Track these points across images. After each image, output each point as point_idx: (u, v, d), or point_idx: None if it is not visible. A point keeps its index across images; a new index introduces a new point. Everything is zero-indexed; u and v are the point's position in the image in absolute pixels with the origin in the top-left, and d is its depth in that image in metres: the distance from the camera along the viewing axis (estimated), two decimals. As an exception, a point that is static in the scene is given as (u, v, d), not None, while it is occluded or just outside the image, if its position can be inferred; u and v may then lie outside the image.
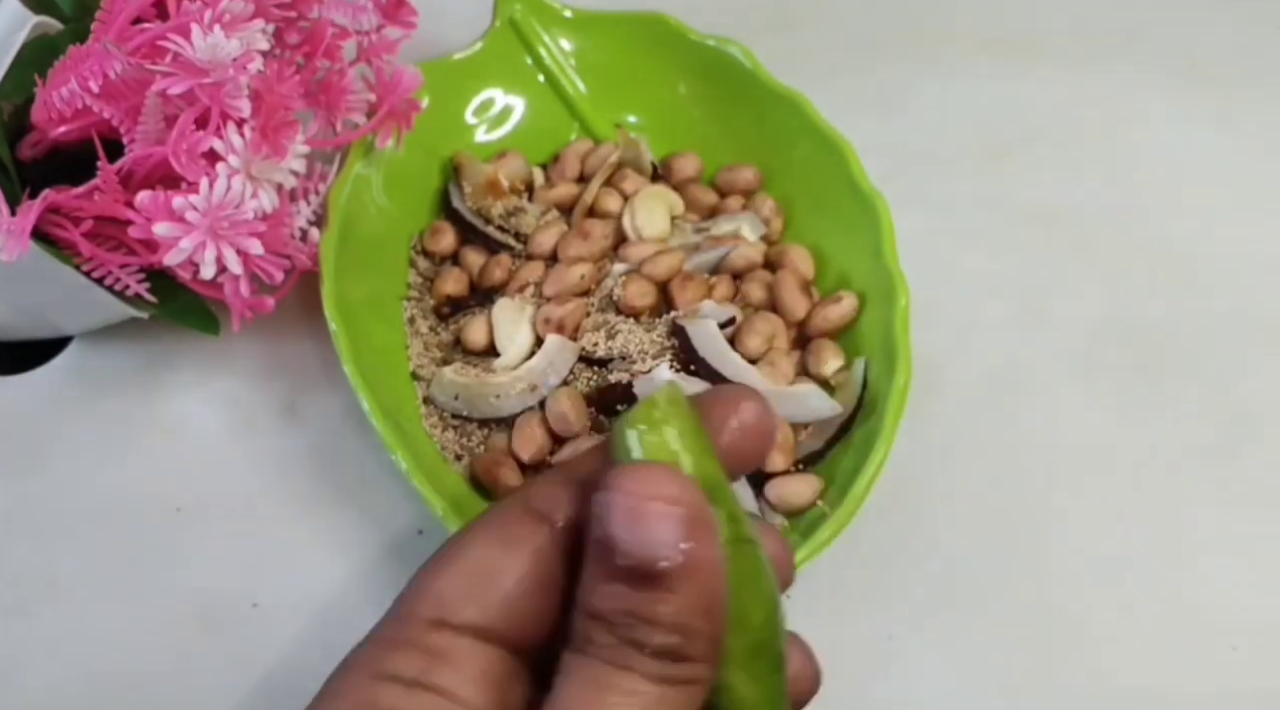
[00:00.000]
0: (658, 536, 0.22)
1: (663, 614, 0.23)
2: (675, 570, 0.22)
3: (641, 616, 0.23)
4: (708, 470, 0.25)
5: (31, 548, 0.40)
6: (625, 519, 0.23)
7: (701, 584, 0.23)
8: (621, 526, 0.22)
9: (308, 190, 0.41)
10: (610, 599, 0.23)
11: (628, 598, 0.23)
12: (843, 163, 0.43)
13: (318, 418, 0.43)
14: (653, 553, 0.22)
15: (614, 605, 0.23)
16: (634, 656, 0.23)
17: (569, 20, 0.48)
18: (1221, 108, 0.53)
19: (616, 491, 0.23)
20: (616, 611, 0.23)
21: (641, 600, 0.23)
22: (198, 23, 0.35)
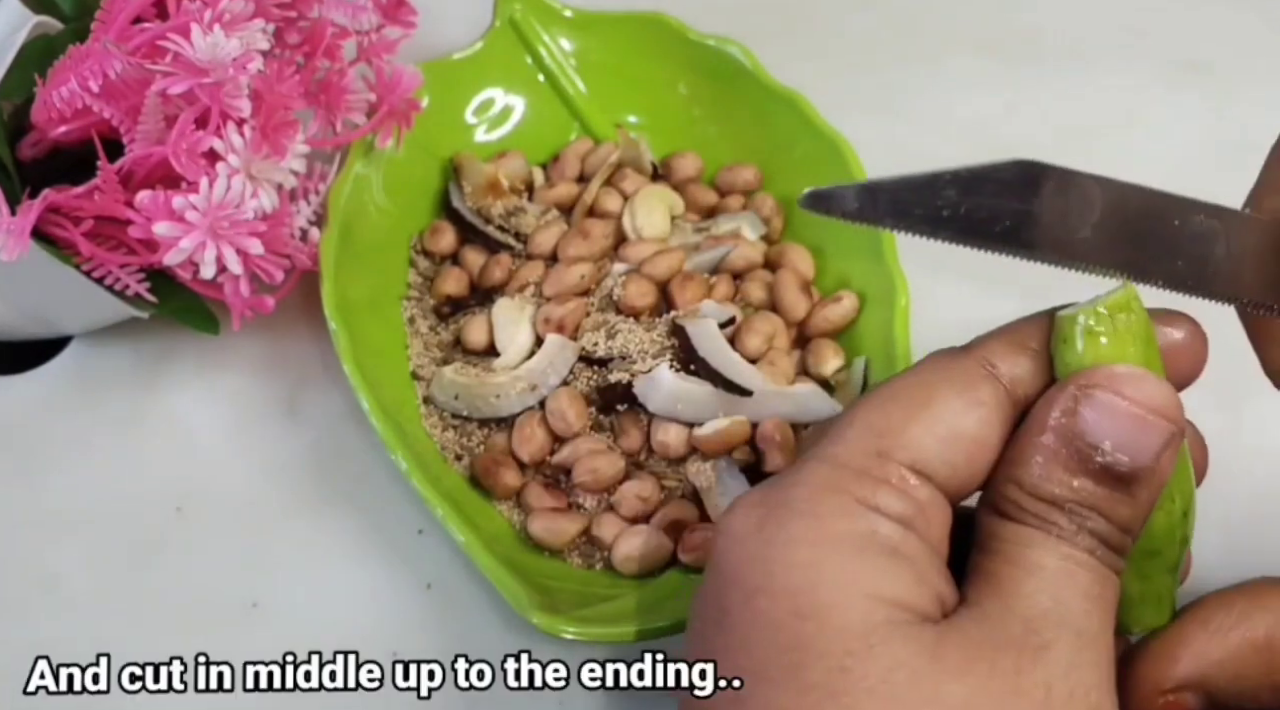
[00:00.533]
0: (1148, 445, 0.24)
1: (1123, 515, 0.24)
2: (1145, 476, 0.24)
3: (1105, 513, 0.24)
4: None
5: (31, 548, 0.40)
6: (1123, 423, 0.24)
7: (1155, 493, 0.25)
8: (1116, 426, 0.24)
9: (308, 190, 0.41)
10: (1071, 487, 0.24)
11: (1094, 492, 0.24)
12: (843, 162, 0.43)
13: (318, 417, 0.43)
14: (1140, 460, 0.24)
15: (1075, 496, 0.24)
16: (1088, 541, 0.24)
17: (569, 20, 0.48)
18: (1221, 108, 0.53)
19: (1116, 394, 0.24)
20: (1078, 501, 0.24)
21: (1108, 497, 0.24)
22: (198, 22, 0.35)
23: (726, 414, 0.39)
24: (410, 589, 0.39)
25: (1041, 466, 0.25)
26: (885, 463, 0.25)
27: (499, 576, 0.35)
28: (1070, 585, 0.24)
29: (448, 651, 0.38)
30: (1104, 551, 0.25)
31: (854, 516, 0.24)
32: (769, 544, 0.24)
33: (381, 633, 0.38)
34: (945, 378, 0.26)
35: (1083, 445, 0.24)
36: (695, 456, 0.39)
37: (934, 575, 0.25)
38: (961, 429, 0.25)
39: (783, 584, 0.24)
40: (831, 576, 0.24)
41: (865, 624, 0.23)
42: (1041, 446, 0.25)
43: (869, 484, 0.25)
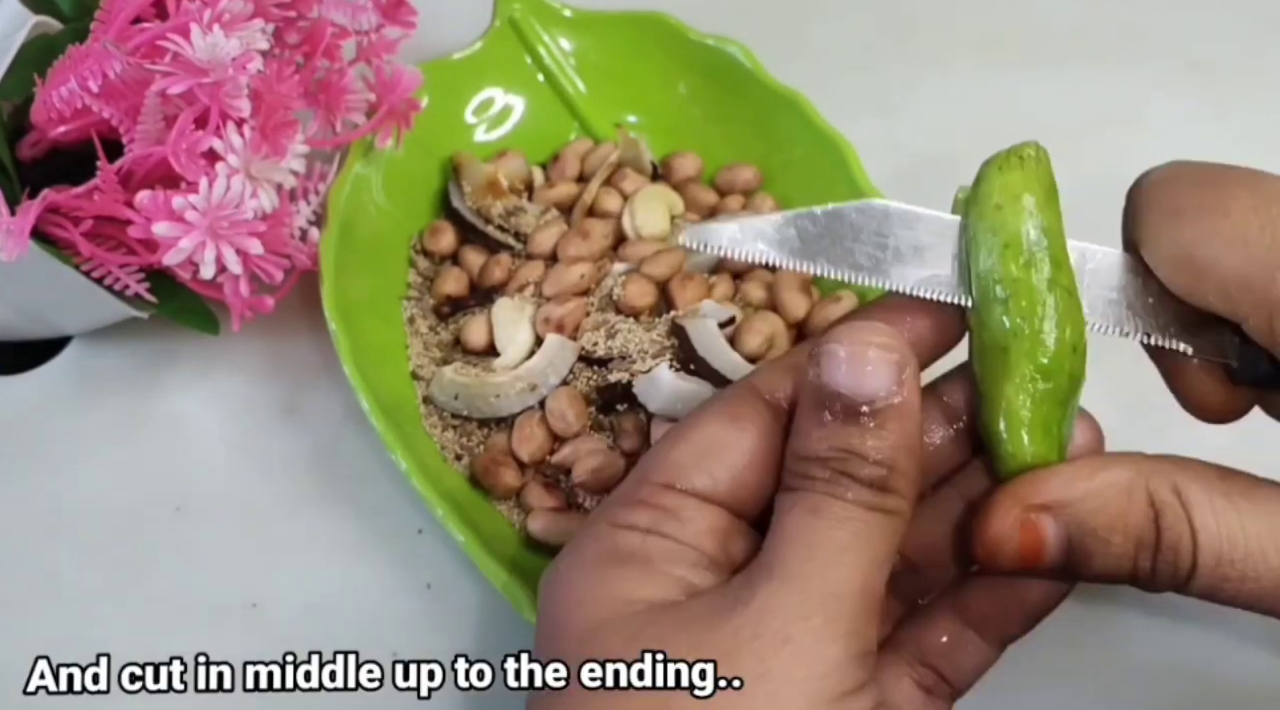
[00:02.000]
0: (876, 379, 0.26)
1: (873, 448, 0.26)
2: (887, 409, 0.26)
3: (854, 450, 0.26)
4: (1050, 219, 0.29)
5: (31, 548, 0.40)
6: (847, 364, 0.26)
7: (907, 424, 0.26)
8: (843, 371, 0.26)
9: (307, 190, 0.41)
10: (824, 439, 0.26)
11: (841, 434, 0.26)
12: (842, 162, 0.43)
13: (318, 417, 0.43)
14: (870, 392, 0.26)
15: (828, 444, 0.26)
16: (847, 485, 0.26)
17: (569, 20, 0.48)
18: (1221, 108, 0.53)
19: (838, 341, 0.26)
20: (831, 448, 0.26)
21: (855, 435, 0.26)
22: (197, 22, 0.35)
23: (726, 414, 0.39)
24: (410, 589, 0.39)
25: (803, 431, 0.27)
26: (640, 487, 0.28)
27: (499, 576, 0.35)
28: (799, 537, 0.25)
29: (448, 651, 0.38)
30: (862, 492, 0.26)
31: (600, 538, 0.27)
32: (547, 583, 0.28)
33: (381, 633, 0.38)
34: (711, 405, 0.28)
35: (824, 396, 0.26)
36: (695, 456, 0.39)
37: (676, 567, 0.26)
38: (716, 442, 0.27)
39: (547, 611, 0.28)
40: (573, 595, 0.27)
41: (590, 625, 0.26)
42: (802, 413, 0.27)
43: (622, 508, 0.27)
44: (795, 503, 0.26)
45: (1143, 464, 0.27)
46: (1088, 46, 0.55)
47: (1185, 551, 0.26)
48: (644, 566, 0.26)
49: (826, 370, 0.26)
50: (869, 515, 0.26)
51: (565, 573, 0.28)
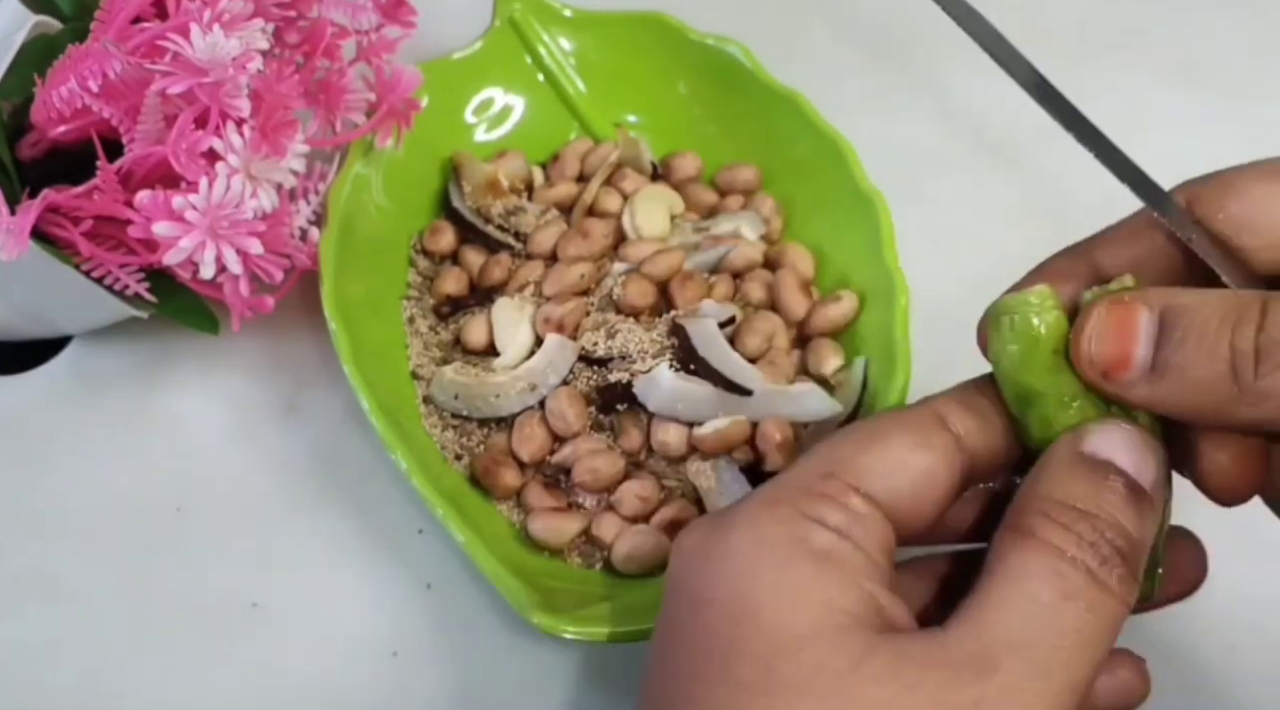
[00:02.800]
0: (1151, 470, 0.26)
1: (1132, 524, 0.26)
2: (1149, 499, 0.26)
3: (1116, 517, 0.25)
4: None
5: (31, 548, 0.40)
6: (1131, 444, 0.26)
7: (1156, 521, 0.26)
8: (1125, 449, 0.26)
9: (307, 190, 0.41)
10: (1088, 497, 0.26)
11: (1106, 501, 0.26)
12: (842, 162, 0.43)
13: (318, 417, 0.43)
14: (1145, 478, 0.26)
15: (1091, 502, 0.25)
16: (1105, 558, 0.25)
17: (569, 20, 0.48)
18: (1221, 108, 0.53)
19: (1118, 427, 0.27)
20: (1094, 506, 0.25)
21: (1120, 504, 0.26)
22: (197, 22, 0.35)
23: (726, 414, 0.39)
24: (410, 589, 0.39)
25: (1064, 480, 0.26)
26: (827, 480, 0.27)
27: (499, 576, 0.35)
28: (1051, 617, 0.25)
29: (448, 651, 0.38)
30: (1112, 569, 0.25)
31: (788, 523, 0.26)
32: (711, 557, 0.26)
33: (381, 632, 0.38)
34: (898, 421, 0.28)
35: (1098, 462, 0.26)
36: (695, 456, 0.39)
37: (866, 580, 0.26)
38: (907, 462, 0.27)
39: (721, 592, 0.26)
40: (765, 583, 0.25)
41: (793, 626, 0.25)
42: (1060, 467, 0.26)
43: (808, 498, 0.26)
44: (1043, 568, 0.25)
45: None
46: (1088, 46, 0.55)
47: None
48: (840, 571, 0.25)
49: (1101, 442, 0.26)
50: (1115, 604, 0.25)
51: (742, 551, 0.26)
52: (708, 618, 0.26)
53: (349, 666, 0.38)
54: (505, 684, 0.37)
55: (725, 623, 0.25)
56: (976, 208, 0.49)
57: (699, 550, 0.27)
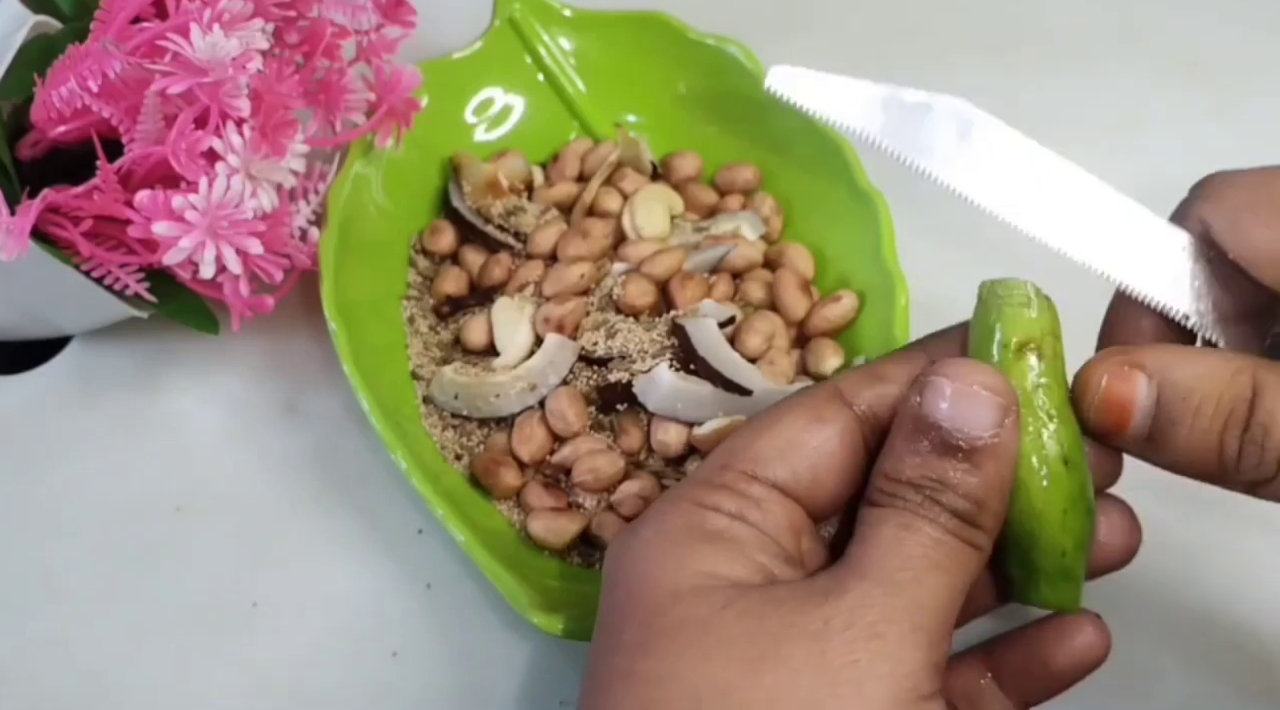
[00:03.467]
0: (978, 418, 0.27)
1: (967, 484, 0.27)
2: (985, 448, 0.27)
3: (948, 483, 0.27)
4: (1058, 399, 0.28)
5: (31, 548, 0.40)
6: (952, 398, 0.27)
7: (1001, 466, 0.27)
8: (946, 405, 0.27)
9: (307, 190, 0.41)
10: (919, 467, 0.27)
11: (936, 465, 0.27)
12: (842, 162, 0.43)
13: (318, 417, 0.43)
14: (971, 430, 0.27)
15: (925, 472, 0.27)
16: (937, 512, 0.26)
17: (569, 19, 0.48)
18: (1221, 108, 0.53)
19: (945, 375, 0.27)
20: (926, 477, 0.27)
21: (949, 468, 0.27)
22: (197, 22, 0.35)
23: (726, 413, 0.39)
24: (410, 589, 0.39)
25: (897, 453, 0.27)
26: (724, 472, 0.28)
27: (499, 576, 0.35)
28: (894, 547, 0.26)
29: (448, 651, 0.38)
30: (951, 520, 0.27)
31: (686, 514, 0.28)
32: (622, 550, 0.28)
33: (381, 632, 0.38)
34: (794, 403, 0.29)
35: (924, 425, 0.27)
36: (695, 456, 0.39)
37: (759, 554, 0.27)
38: (801, 440, 0.28)
39: (624, 573, 0.28)
40: (656, 560, 0.27)
41: (674, 589, 0.27)
42: (898, 436, 0.28)
43: (707, 490, 0.28)
44: (887, 518, 0.27)
45: (1257, 358, 0.27)
46: (1088, 47, 0.55)
47: (1276, 434, 0.26)
48: (730, 547, 0.27)
49: (930, 401, 0.27)
50: (957, 542, 0.27)
51: (647, 540, 0.28)
52: (612, 596, 0.28)
53: (349, 666, 0.38)
54: (505, 683, 0.37)
55: (624, 595, 0.27)
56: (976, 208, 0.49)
57: (614, 548, 0.29)
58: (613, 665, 0.27)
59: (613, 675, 0.27)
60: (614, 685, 0.26)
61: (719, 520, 0.27)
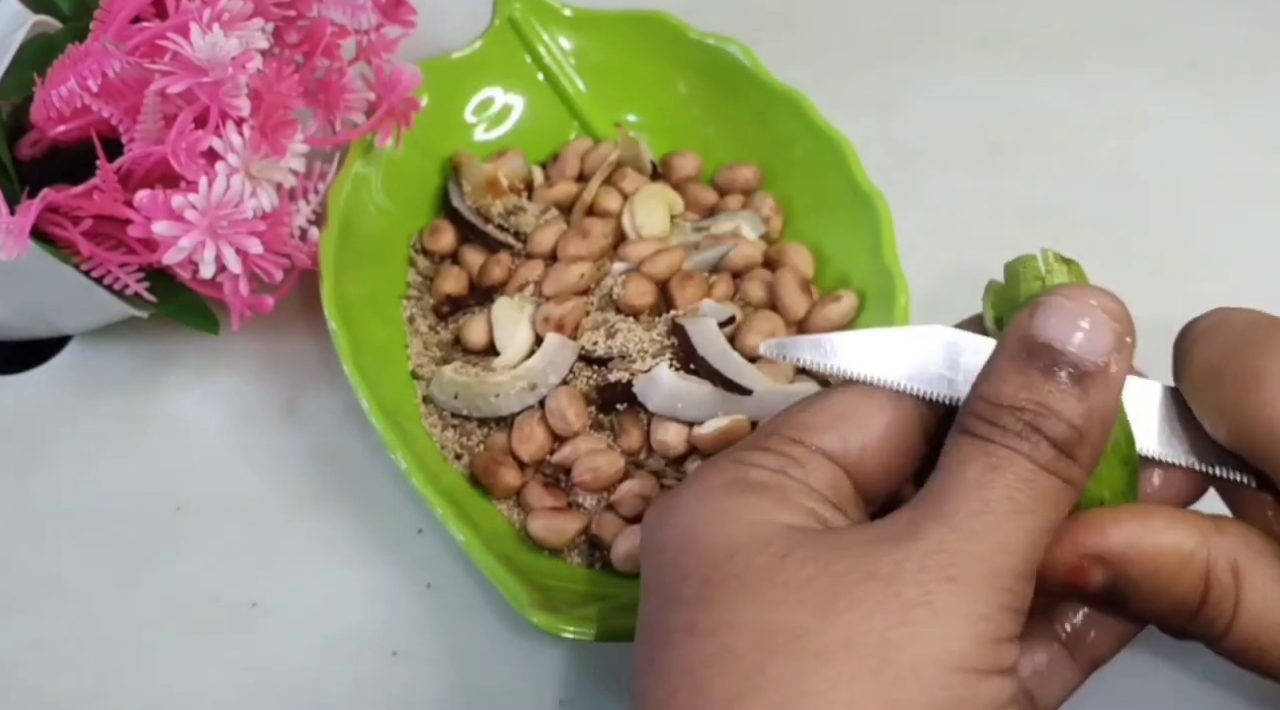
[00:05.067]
0: (1094, 341, 0.26)
1: (1072, 410, 0.25)
2: (1097, 374, 0.25)
3: (1052, 408, 0.25)
4: None
5: (31, 548, 0.40)
6: (1069, 318, 0.26)
7: (1110, 394, 0.26)
8: (1062, 325, 0.26)
9: (307, 189, 0.41)
10: (1023, 389, 0.25)
11: (1043, 388, 0.25)
12: (842, 161, 0.43)
13: (317, 417, 0.43)
14: (1088, 354, 0.25)
15: (1025, 394, 0.25)
16: (1035, 443, 0.25)
17: (568, 19, 0.48)
18: (1221, 107, 0.53)
19: (1064, 295, 0.26)
20: (1028, 399, 0.25)
21: (1056, 392, 0.25)
22: (197, 21, 0.35)
23: (726, 413, 0.39)
24: (410, 588, 0.39)
25: (999, 374, 0.26)
26: (769, 437, 0.28)
27: (499, 576, 0.35)
28: (976, 490, 0.25)
29: (448, 651, 0.38)
30: (1049, 451, 0.25)
31: (726, 471, 0.27)
32: (663, 514, 0.28)
33: (381, 632, 0.38)
34: (851, 387, 0.28)
35: (1034, 346, 0.26)
36: (695, 456, 0.39)
37: (807, 500, 0.26)
38: (853, 411, 0.28)
39: (671, 536, 0.27)
40: (704, 515, 0.27)
41: (728, 540, 0.26)
42: (1003, 357, 0.26)
43: (747, 451, 0.28)
44: (975, 452, 0.25)
45: (1209, 532, 0.27)
46: (1088, 46, 0.55)
47: (1222, 624, 0.26)
48: (776, 493, 0.26)
49: (1043, 320, 0.26)
50: (1049, 479, 0.25)
51: (688, 502, 0.27)
52: (659, 559, 0.27)
53: (349, 666, 0.38)
54: (505, 683, 0.37)
55: (673, 553, 0.27)
56: (976, 208, 0.49)
57: (654, 514, 0.28)
58: (672, 623, 0.26)
59: (673, 631, 0.25)
60: (677, 641, 0.25)
61: (760, 473, 0.27)
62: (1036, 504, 0.25)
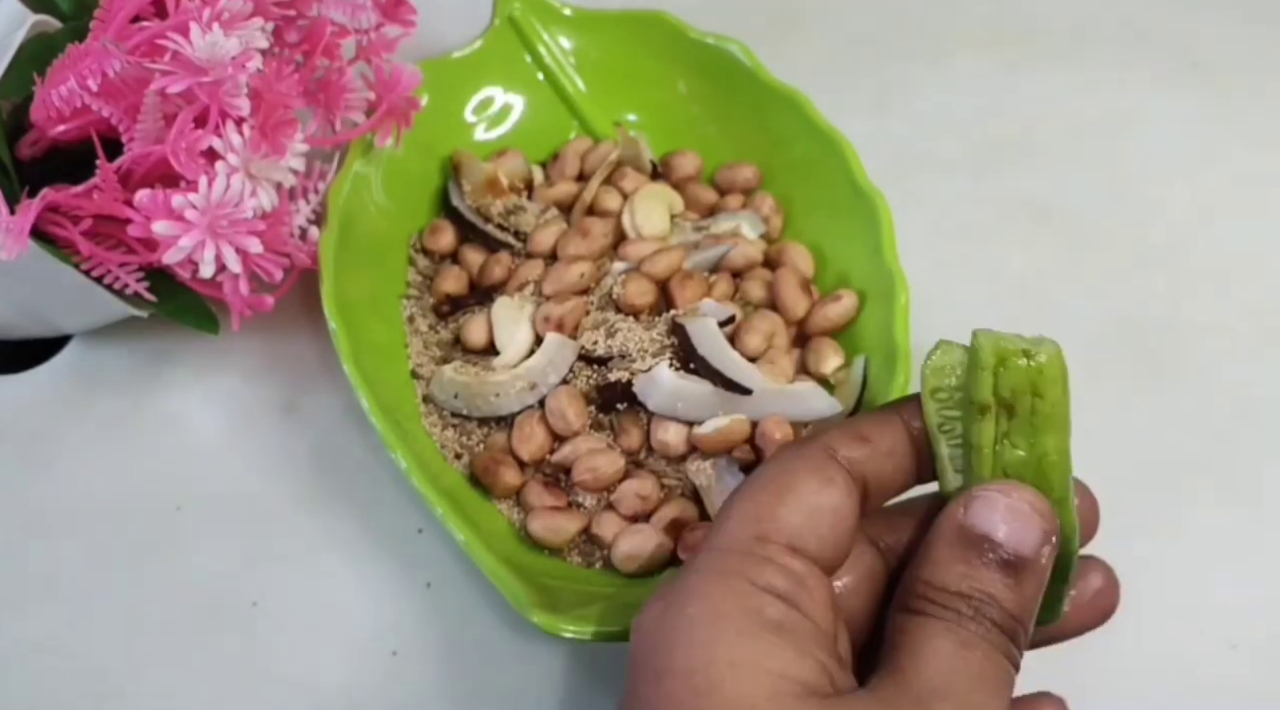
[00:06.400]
0: (1031, 536, 0.28)
1: (1013, 601, 0.28)
2: (1029, 565, 0.28)
3: (997, 599, 0.27)
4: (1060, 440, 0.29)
5: (31, 547, 0.40)
6: (1006, 514, 0.28)
7: (1039, 586, 0.28)
8: (1001, 520, 0.28)
9: (307, 189, 0.41)
10: (968, 578, 0.28)
11: (986, 579, 0.28)
12: (842, 161, 0.43)
13: (317, 416, 0.43)
14: (1024, 548, 0.28)
15: (970, 583, 0.28)
16: (989, 628, 0.27)
17: (568, 18, 0.48)
18: (1221, 106, 0.53)
19: (998, 491, 0.28)
20: (973, 588, 0.27)
21: (999, 584, 0.28)
22: (196, 21, 0.35)
23: (726, 412, 0.39)
24: (410, 588, 0.39)
25: (941, 562, 0.28)
26: (765, 544, 0.28)
27: (499, 575, 0.35)
28: (962, 665, 0.27)
29: (448, 650, 0.38)
30: (997, 635, 0.27)
31: (742, 596, 0.27)
32: (670, 629, 0.27)
33: (381, 631, 0.38)
34: (799, 464, 0.29)
35: (973, 538, 0.28)
36: (695, 455, 0.39)
37: (817, 649, 0.27)
38: (820, 504, 0.29)
39: (681, 664, 0.27)
40: (723, 655, 0.26)
41: (751, 697, 0.26)
42: (942, 546, 0.28)
43: (753, 564, 0.28)
44: (939, 631, 0.27)
45: None
46: (1088, 46, 0.55)
47: None
48: (793, 642, 0.27)
49: (981, 514, 0.28)
50: (1004, 660, 0.27)
51: (697, 622, 0.27)
52: (670, 687, 0.27)
53: (349, 666, 0.38)
54: (505, 683, 0.37)
55: (687, 693, 0.26)
56: (976, 207, 0.49)
57: (658, 625, 0.28)
58: None
59: None
60: None
61: (776, 609, 0.27)
62: (1001, 681, 0.27)
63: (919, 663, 0.27)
